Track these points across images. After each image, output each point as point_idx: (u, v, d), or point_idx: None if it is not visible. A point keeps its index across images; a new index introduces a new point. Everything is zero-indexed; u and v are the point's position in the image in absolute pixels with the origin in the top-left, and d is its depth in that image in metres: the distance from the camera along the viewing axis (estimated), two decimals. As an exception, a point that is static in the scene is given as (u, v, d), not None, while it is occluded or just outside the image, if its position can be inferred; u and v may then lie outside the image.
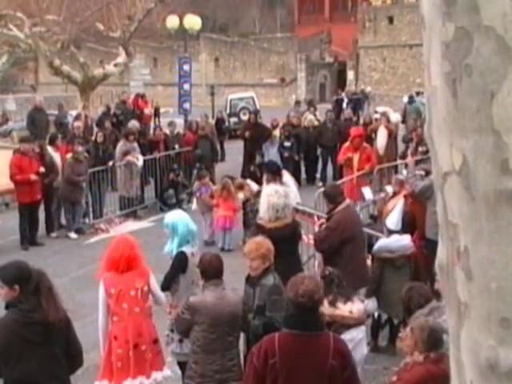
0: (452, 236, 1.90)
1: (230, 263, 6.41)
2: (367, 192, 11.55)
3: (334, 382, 4.66)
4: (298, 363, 4.61)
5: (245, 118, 28.47)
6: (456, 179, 1.85)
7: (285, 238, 7.30)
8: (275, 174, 14.35)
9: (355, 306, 7.24)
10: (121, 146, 16.47)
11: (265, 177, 15.06)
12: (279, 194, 7.92)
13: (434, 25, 1.86)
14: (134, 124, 18.53)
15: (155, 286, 6.78)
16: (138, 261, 6.60)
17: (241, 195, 13.63)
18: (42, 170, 14.09)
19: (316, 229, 9.68)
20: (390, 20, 47.97)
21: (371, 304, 8.60)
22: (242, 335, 6.37)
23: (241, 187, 13.70)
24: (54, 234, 14.81)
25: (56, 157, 15.06)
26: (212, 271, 6.11)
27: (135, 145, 16.71)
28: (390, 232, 8.67)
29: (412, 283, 6.55)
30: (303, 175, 19.38)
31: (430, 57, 1.90)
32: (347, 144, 15.37)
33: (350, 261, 8.07)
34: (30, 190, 13.83)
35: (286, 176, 15.20)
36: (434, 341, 5.08)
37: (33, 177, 13.73)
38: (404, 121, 23.04)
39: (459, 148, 1.82)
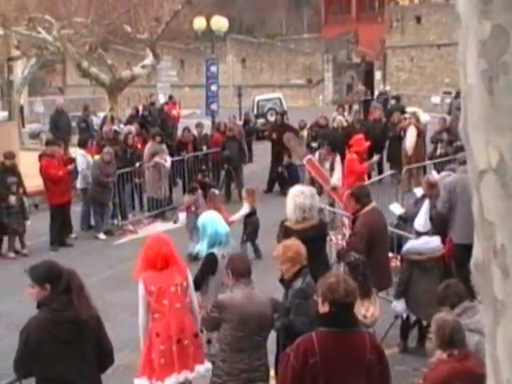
0: (488, 234, 1.90)
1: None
2: (396, 208, 11.46)
3: (370, 376, 4.71)
4: (339, 361, 4.64)
5: (272, 118, 28.50)
6: (492, 177, 1.85)
7: (311, 239, 7.30)
8: (333, 150, 14.56)
9: (371, 310, 7.22)
10: (149, 147, 16.60)
11: (323, 149, 15.27)
12: (305, 195, 7.91)
13: (470, 23, 1.87)
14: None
15: (191, 282, 6.83)
16: (175, 257, 6.66)
17: (246, 207, 12.74)
18: (71, 166, 14.51)
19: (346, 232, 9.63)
20: (418, 20, 47.64)
21: (400, 306, 8.58)
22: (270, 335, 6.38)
23: (252, 194, 12.77)
24: (73, 235, 15.01)
25: (89, 159, 15.33)
26: (241, 270, 6.15)
27: (163, 146, 16.82)
28: (419, 234, 8.64)
29: (449, 281, 6.49)
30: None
31: (466, 55, 1.90)
32: (354, 156, 14.66)
33: (374, 262, 8.07)
34: (61, 191, 14.11)
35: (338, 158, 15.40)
36: (450, 338, 5.06)
37: (69, 167, 14.26)
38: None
39: (496, 146, 1.83)
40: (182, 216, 12.64)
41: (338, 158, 15.50)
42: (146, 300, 6.51)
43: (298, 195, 7.92)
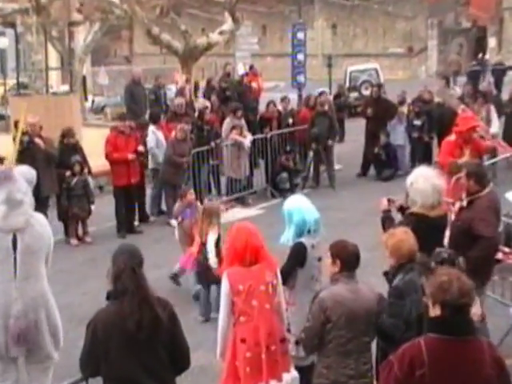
0: None
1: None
2: None
3: None
4: (452, 374, 4.52)
5: (367, 92, 28.39)
6: None
7: (443, 229, 7.24)
8: (486, 101, 16.56)
9: (475, 308, 7.10)
10: (228, 123, 16.72)
11: (476, 103, 16.61)
12: (437, 176, 7.78)
13: None
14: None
15: (281, 279, 6.75)
16: (264, 250, 6.57)
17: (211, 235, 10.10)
18: (140, 148, 14.56)
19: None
20: (542, -25, 46.37)
21: None
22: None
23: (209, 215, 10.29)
24: (152, 219, 15.38)
25: (160, 136, 15.51)
26: (348, 260, 6.07)
27: (243, 122, 16.92)
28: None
29: None
30: (435, 158, 19.07)
31: None
32: (452, 138, 14.12)
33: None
34: (127, 172, 14.33)
35: None
36: None
37: (130, 156, 14.24)
38: None
39: None
40: (175, 226, 11.99)
41: (492, 107, 16.85)
42: (231, 300, 6.44)
43: (432, 176, 7.73)
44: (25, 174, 7.33)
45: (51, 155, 13.80)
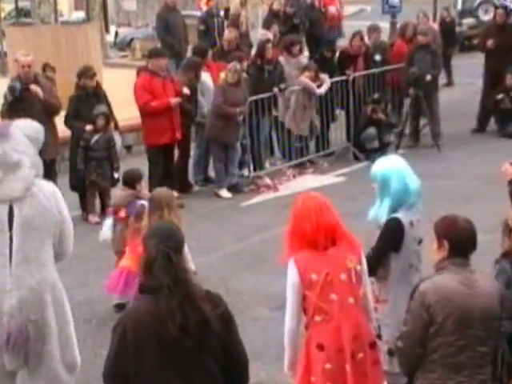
0: None
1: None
2: None
3: None
4: None
5: (486, 18, 28.09)
6: None
7: None
8: None
9: None
10: (282, 62, 16.73)
11: None
12: None
13: None
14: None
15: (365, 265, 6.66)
16: (342, 228, 6.50)
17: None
18: (186, 91, 14.61)
19: None
20: None
21: None
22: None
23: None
24: (196, 188, 15.55)
25: (207, 78, 15.49)
26: (460, 242, 5.93)
27: (303, 59, 16.94)
28: None
29: None
30: None
31: None
32: None
33: None
34: (170, 126, 14.37)
35: None
36: None
37: (173, 100, 14.28)
38: None
39: None
40: (109, 223, 10.91)
41: None
42: (301, 293, 6.38)
43: None
44: (23, 129, 7.28)
45: (52, 106, 13.75)
